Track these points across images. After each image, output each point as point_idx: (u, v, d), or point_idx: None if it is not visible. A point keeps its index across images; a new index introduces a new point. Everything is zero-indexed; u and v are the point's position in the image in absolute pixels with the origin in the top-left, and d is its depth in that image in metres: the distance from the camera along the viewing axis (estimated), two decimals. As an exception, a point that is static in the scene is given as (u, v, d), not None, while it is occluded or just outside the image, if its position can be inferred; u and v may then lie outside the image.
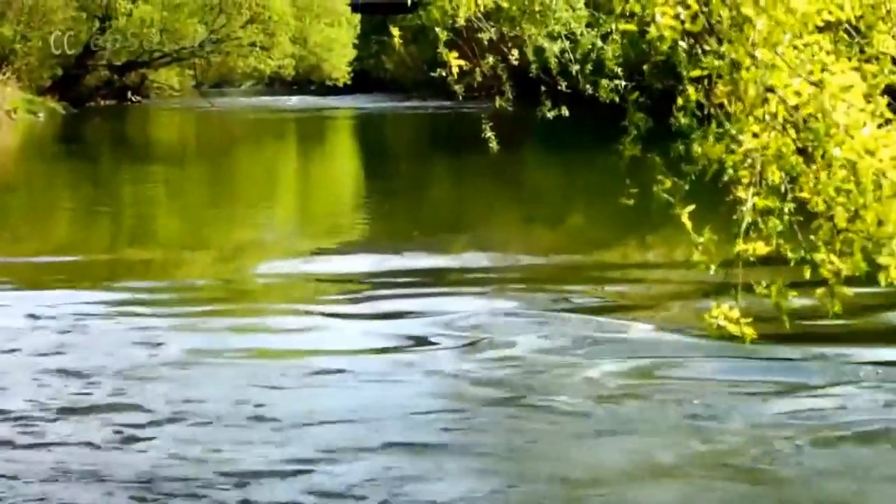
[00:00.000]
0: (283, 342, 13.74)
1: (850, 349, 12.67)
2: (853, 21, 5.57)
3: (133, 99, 73.06)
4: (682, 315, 14.63)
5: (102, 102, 68.08)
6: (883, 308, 12.93)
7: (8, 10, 60.43)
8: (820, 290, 5.54)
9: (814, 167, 5.46)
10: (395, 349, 13.39)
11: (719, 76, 5.66)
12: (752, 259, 5.39)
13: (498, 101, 7.28)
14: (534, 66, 7.86)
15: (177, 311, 15.50)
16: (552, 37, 8.60)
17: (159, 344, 13.46)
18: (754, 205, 5.50)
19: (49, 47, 60.42)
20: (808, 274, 5.55)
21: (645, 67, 6.41)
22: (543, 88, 7.17)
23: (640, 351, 13.07)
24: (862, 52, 5.49)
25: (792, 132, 5.48)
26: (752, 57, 5.42)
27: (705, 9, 5.52)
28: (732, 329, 5.33)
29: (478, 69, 7.11)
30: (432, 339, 13.67)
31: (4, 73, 54.08)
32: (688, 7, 5.49)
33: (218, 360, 12.85)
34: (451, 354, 13.03)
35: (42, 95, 58.90)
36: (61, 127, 51.40)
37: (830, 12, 5.38)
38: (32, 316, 14.84)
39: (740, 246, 5.39)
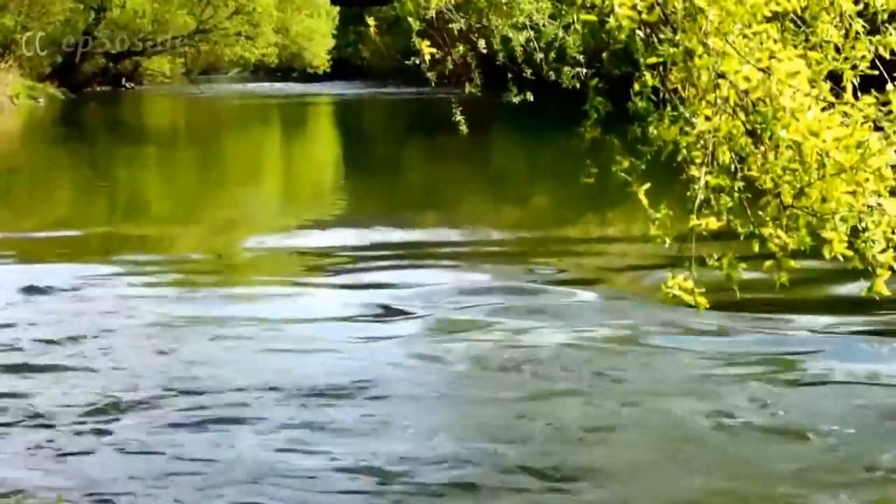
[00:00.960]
0: (267, 311, 13.71)
1: (795, 317, 12.70)
2: (799, 11, 5.56)
3: (127, 85, 72.80)
4: (640, 285, 14.65)
5: (98, 88, 67.80)
6: (827, 280, 12.94)
7: (10, 1, 60.16)
8: (768, 263, 5.54)
9: (762, 148, 5.45)
10: (372, 318, 13.38)
11: (674, 63, 5.65)
12: (704, 233, 5.38)
13: (467, 88, 7.27)
14: (501, 55, 7.86)
15: (169, 282, 15.47)
16: (517, 27, 8.59)
17: (152, 312, 13.44)
18: (706, 183, 5.49)
19: (49, 37, 60.24)
20: (756, 247, 5.55)
21: (604, 55, 6.39)
22: (510, 75, 7.15)
23: (600, 319, 13.07)
24: (807, 40, 5.48)
25: (742, 115, 5.47)
26: (705, 45, 5.41)
27: (661, 0, 5.51)
28: (687, 298, 5.32)
29: (449, 58, 7.08)
30: (406, 309, 13.66)
31: (7, 61, 53.76)
32: (644, -2, 5.48)
33: (207, 326, 12.83)
34: (423, 322, 13.02)
35: (42, 82, 58.64)
36: (60, 111, 51.19)
37: (778, 3, 5.37)
38: (34, 287, 14.78)
39: (694, 221, 5.38)
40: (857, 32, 5.41)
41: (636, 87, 5.85)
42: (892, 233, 5.29)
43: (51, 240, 19.81)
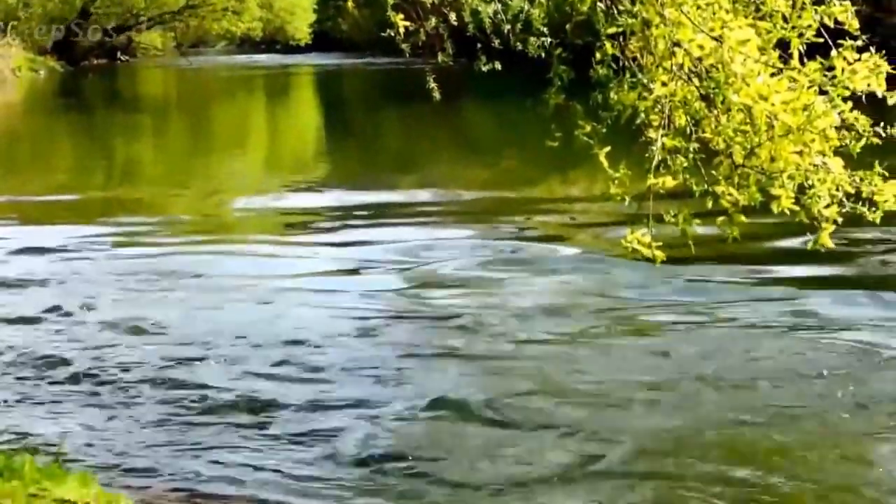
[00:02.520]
0: (255, 266, 13.70)
1: (746, 268, 12.74)
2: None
3: (122, 58, 72.27)
4: (601, 241, 14.66)
5: (95, 61, 67.33)
6: (776, 234, 12.97)
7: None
8: (720, 219, 5.54)
9: (715, 111, 5.44)
10: (352, 271, 13.40)
11: (632, 33, 5.63)
12: (661, 192, 5.38)
13: (440, 57, 7.23)
14: (471, 27, 7.82)
15: (164, 241, 15.42)
16: (486, 0, 8.56)
17: (149, 268, 13.44)
18: (663, 145, 5.48)
19: (49, 13, 59.90)
20: (710, 204, 5.54)
21: (568, 26, 6.36)
22: (479, 45, 7.10)
23: (563, 272, 13.11)
24: (757, 10, 5.45)
25: (696, 81, 5.45)
26: (661, 16, 5.38)
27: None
28: (645, 252, 5.32)
29: (422, 29, 7.03)
30: (382, 262, 13.69)
31: (10, 36, 53.41)
32: (605, -28, 5.46)
33: (199, 280, 12.83)
34: (398, 275, 13.03)
35: (42, 56, 58.26)
36: (59, 83, 50.92)
37: (729, -25, 5.35)
38: (38, 246, 14.77)
39: (651, 180, 5.37)
40: (804, 3, 5.39)
41: (597, 55, 5.83)
42: (836, 189, 5.29)
43: (51, 203, 19.75)
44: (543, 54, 6.31)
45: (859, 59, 5.20)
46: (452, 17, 7.01)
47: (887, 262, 13.20)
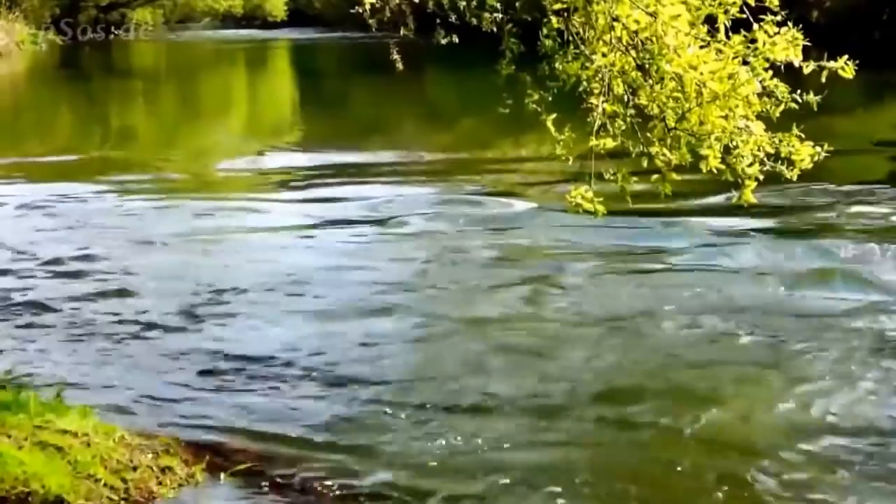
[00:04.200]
0: (237, 222, 13.66)
1: (677, 220, 12.80)
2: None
3: (115, 33, 71.63)
4: (548, 196, 14.67)
5: (91, 35, 66.69)
6: (704, 190, 13.02)
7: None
8: (655, 177, 5.55)
9: (650, 80, 5.43)
10: (324, 225, 13.37)
11: (575, 9, 5.61)
12: (602, 152, 5.38)
13: (403, 31, 7.19)
14: (430, 3, 7.78)
15: (155, 198, 15.35)
16: (444, -21, 8.53)
17: (141, 223, 13.39)
18: (604, 110, 5.46)
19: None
20: (645, 164, 5.54)
21: (517, 3, 6.34)
22: (438, 21, 7.06)
23: (515, 224, 13.13)
24: (687, -11, 5.44)
25: (633, 53, 5.44)
26: (602, -7, 5.36)
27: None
28: (587, 206, 5.32)
29: (387, 6, 6.99)
30: (352, 218, 13.67)
31: (14, 13, 52.82)
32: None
33: (186, 235, 12.77)
34: (367, 229, 13.02)
35: (43, 30, 57.65)
36: (59, 55, 50.37)
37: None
38: (40, 202, 14.70)
39: (593, 142, 5.37)
40: (729, -18, 5.38)
41: (544, 30, 5.81)
42: (758, 150, 5.30)
43: (52, 163, 19.58)
44: (496, 29, 6.29)
45: (778, 33, 5.20)
46: (414, -5, 6.97)
47: (801, 215, 13.28)
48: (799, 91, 5.37)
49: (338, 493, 6.12)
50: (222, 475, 6.23)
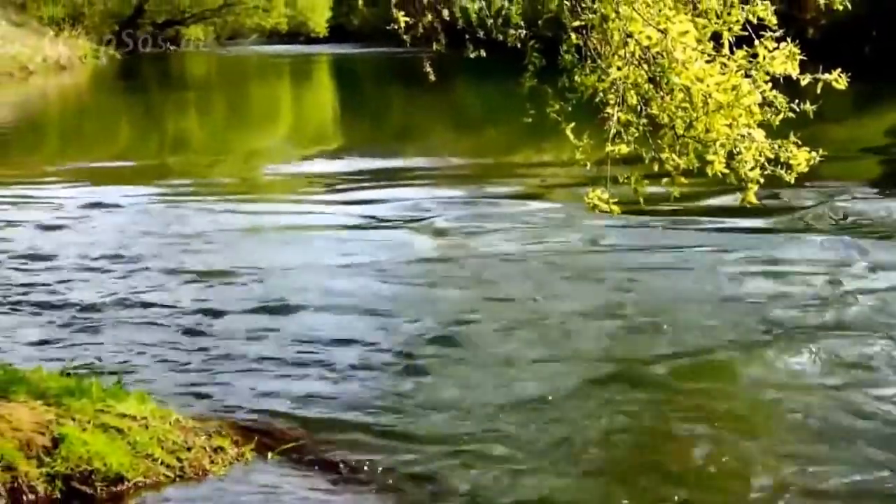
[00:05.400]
0: (283, 221, 13.73)
1: (686, 219, 12.81)
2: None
3: (170, 48, 71.87)
4: (568, 198, 14.69)
5: (147, 50, 66.94)
6: (710, 192, 13.05)
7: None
8: (665, 180, 5.59)
9: (660, 91, 5.48)
10: (363, 226, 13.43)
11: (593, 26, 5.66)
12: (617, 158, 5.42)
13: (435, 46, 7.26)
14: (460, 21, 7.85)
15: (208, 200, 15.42)
16: (473, -1, 8.60)
17: (195, 223, 13.46)
18: (618, 119, 5.51)
19: (109, 10, 59.52)
20: (656, 168, 5.59)
21: (540, 21, 6.40)
22: (467, 36, 7.12)
23: (537, 223, 13.17)
24: (695, 8, 5.48)
25: (645, 66, 5.49)
26: (617, 12, 5.42)
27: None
28: (604, 207, 5.37)
29: (420, 23, 7.05)
30: (389, 218, 13.72)
31: (77, 29, 53.04)
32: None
33: (238, 233, 12.85)
34: (402, 229, 13.07)
35: (103, 45, 57.87)
36: (118, 68, 50.57)
37: (672, -20, 5.37)
38: (100, 203, 14.80)
39: (609, 148, 5.42)
40: (733, 2, 5.42)
41: (564, 45, 5.87)
42: (759, 155, 5.35)
43: (113, 168, 19.72)
44: (520, 44, 6.35)
45: (778, 48, 5.24)
46: (445, 12, 7.02)
47: (799, 214, 13.28)
48: (796, 101, 5.42)
49: (380, 471, 6.13)
50: (270, 454, 6.26)
